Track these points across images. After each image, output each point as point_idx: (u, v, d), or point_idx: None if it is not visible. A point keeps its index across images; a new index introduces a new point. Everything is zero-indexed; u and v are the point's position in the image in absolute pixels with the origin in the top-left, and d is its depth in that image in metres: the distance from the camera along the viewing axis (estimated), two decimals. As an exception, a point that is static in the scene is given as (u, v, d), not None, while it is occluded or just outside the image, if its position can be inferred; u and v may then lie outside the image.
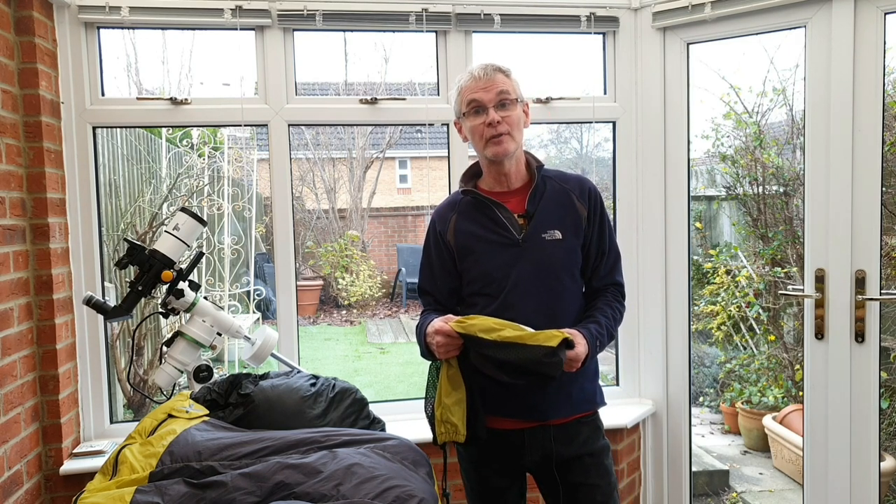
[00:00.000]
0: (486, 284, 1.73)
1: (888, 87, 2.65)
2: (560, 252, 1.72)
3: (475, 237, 1.74)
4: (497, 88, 1.68)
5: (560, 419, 1.73)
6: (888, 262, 3.41)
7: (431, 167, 10.27)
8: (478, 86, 1.69)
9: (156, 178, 4.96)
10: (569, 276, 1.74)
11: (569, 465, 1.75)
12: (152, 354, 4.26)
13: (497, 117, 1.67)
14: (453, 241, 1.77)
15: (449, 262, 1.79)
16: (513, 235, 1.71)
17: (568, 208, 1.75)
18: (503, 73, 1.71)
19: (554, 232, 1.72)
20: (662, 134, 2.60)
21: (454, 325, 1.57)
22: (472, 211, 1.77)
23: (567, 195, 1.77)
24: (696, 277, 5.33)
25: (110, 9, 2.30)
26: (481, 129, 1.69)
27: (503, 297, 1.70)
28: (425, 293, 1.85)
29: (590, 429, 1.78)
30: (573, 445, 1.74)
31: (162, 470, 1.52)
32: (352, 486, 1.43)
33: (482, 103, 1.68)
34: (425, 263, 1.85)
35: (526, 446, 1.74)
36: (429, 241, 1.83)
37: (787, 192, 4.38)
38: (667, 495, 2.69)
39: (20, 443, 2.08)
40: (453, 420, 1.59)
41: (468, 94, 1.71)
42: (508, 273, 1.70)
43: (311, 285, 9.34)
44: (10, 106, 2.08)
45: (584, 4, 2.55)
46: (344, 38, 10.94)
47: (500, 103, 1.68)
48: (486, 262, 1.72)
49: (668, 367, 2.67)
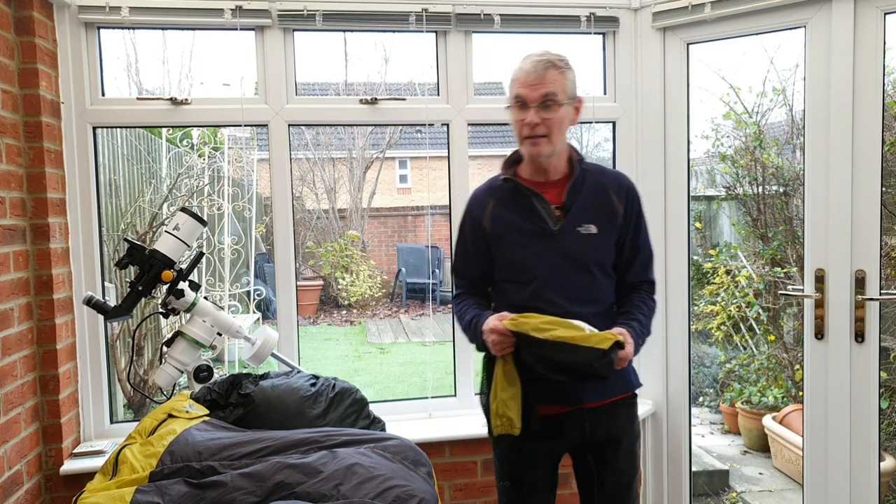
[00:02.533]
0: (517, 272, 1.75)
1: (888, 87, 2.65)
2: (593, 246, 1.74)
3: (511, 225, 1.75)
4: (544, 89, 1.66)
5: (596, 402, 1.76)
6: (888, 262, 3.41)
7: (431, 167, 10.27)
8: (526, 81, 1.67)
9: (156, 178, 4.96)
10: (600, 270, 1.76)
11: (602, 447, 1.79)
12: (152, 354, 4.26)
13: (536, 119, 1.66)
14: (489, 228, 1.79)
15: (483, 247, 1.81)
16: (548, 226, 1.72)
17: (605, 204, 1.77)
18: (557, 69, 1.67)
19: (589, 226, 1.73)
20: (662, 134, 2.60)
21: (507, 323, 1.60)
22: (510, 199, 1.78)
23: (605, 191, 1.78)
24: (696, 277, 5.33)
25: (110, 9, 2.30)
26: (520, 125, 1.70)
27: (533, 287, 1.72)
28: (460, 275, 1.88)
29: (627, 412, 1.82)
30: (609, 428, 1.78)
31: (162, 470, 1.52)
32: (352, 486, 1.43)
33: (526, 100, 1.68)
34: (460, 246, 1.87)
35: (564, 429, 1.77)
36: (464, 225, 1.85)
37: (787, 192, 4.38)
38: (667, 495, 2.69)
39: (20, 443, 2.08)
40: (509, 415, 1.63)
41: (515, 88, 1.70)
42: (540, 263, 1.72)
43: (311, 285, 9.34)
44: (11, 106, 2.08)
45: (584, 4, 2.55)
46: (344, 38, 10.95)
47: (544, 104, 1.66)
48: (520, 251, 1.74)
49: (667, 367, 2.67)
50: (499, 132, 14.27)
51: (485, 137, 14.05)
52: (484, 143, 13.94)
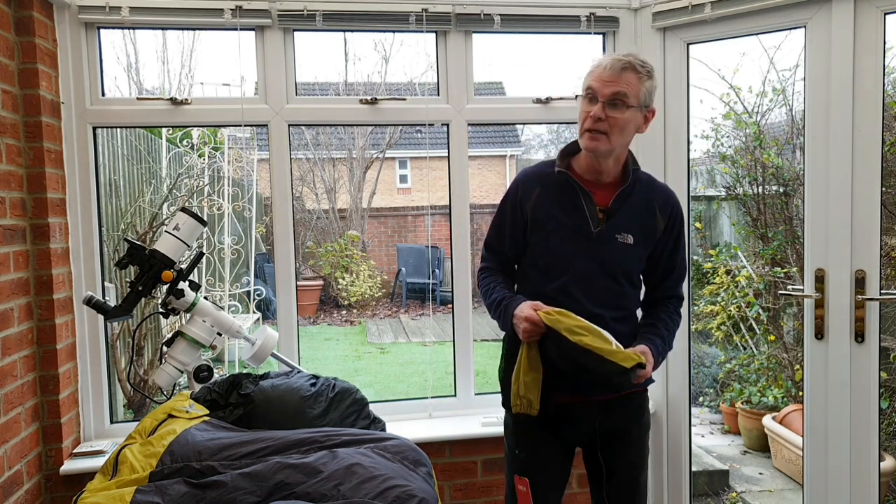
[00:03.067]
0: (548, 264, 1.76)
1: (888, 87, 2.66)
2: (626, 256, 1.75)
3: (552, 217, 1.76)
4: (616, 87, 1.65)
5: (607, 395, 1.78)
6: (888, 262, 3.41)
7: (431, 167, 10.27)
8: (602, 75, 1.67)
9: (156, 178, 4.96)
10: (627, 281, 1.77)
11: (611, 438, 1.81)
12: (152, 354, 4.26)
13: (602, 114, 1.66)
14: (530, 213, 1.78)
15: (520, 230, 1.81)
16: (588, 226, 1.73)
17: (648, 217, 1.78)
18: (636, 73, 1.67)
19: (627, 236, 1.74)
20: (662, 134, 2.60)
21: (543, 315, 1.62)
22: (557, 189, 1.77)
23: (651, 204, 1.79)
24: (696, 277, 5.33)
25: (110, 9, 2.30)
26: (585, 116, 1.70)
27: (560, 283, 1.73)
28: (491, 250, 1.89)
29: (636, 405, 1.84)
30: (618, 420, 1.80)
31: (162, 470, 1.52)
32: (352, 486, 1.43)
33: (596, 94, 1.68)
34: (497, 223, 1.87)
35: (575, 419, 1.79)
36: (506, 203, 1.85)
37: (787, 192, 4.38)
38: (667, 495, 2.69)
39: (20, 443, 2.08)
40: (529, 397, 1.68)
41: (589, 79, 1.71)
42: (573, 262, 1.73)
43: (311, 285, 9.34)
44: (11, 106, 2.08)
45: (584, 4, 2.55)
46: (344, 38, 10.96)
47: (613, 102, 1.66)
48: (555, 244, 1.75)
49: (667, 367, 2.67)
50: (499, 132, 14.28)
51: (485, 137, 14.05)
52: (484, 143, 13.94)
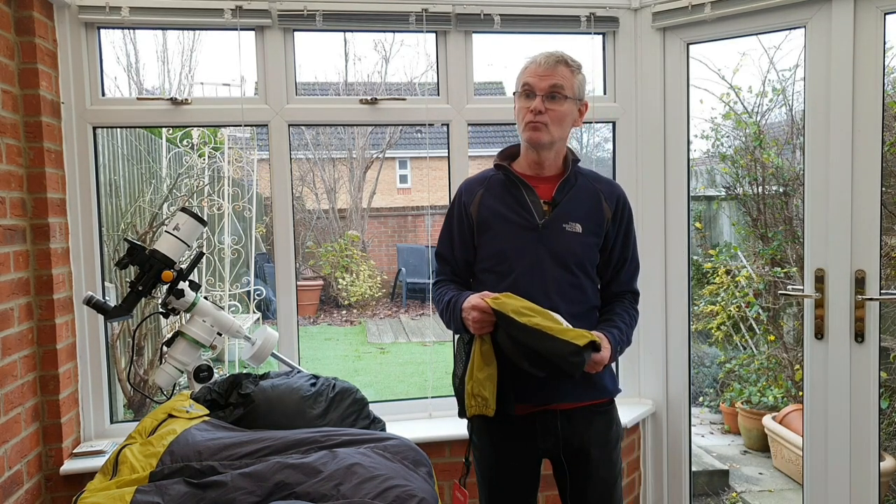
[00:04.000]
0: (498, 262, 1.75)
1: (888, 87, 2.66)
2: (576, 245, 1.74)
3: (497, 215, 1.76)
4: (552, 80, 1.70)
5: (567, 404, 1.75)
6: (888, 262, 3.41)
7: (431, 167, 10.27)
8: (536, 71, 1.72)
9: (156, 178, 4.96)
10: (581, 271, 1.76)
11: (577, 454, 1.77)
12: (152, 354, 4.26)
13: (541, 107, 1.70)
14: (475, 215, 1.80)
15: (468, 235, 1.82)
16: (534, 219, 1.73)
17: (593, 206, 1.78)
18: (569, 68, 1.73)
19: (575, 224, 1.75)
20: (662, 134, 2.61)
21: (490, 301, 1.59)
22: (499, 188, 1.79)
23: (596, 194, 1.80)
24: (696, 277, 5.33)
25: (110, 9, 2.30)
26: (524, 111, 1.73)
27: (513, 278, 1.72)
28: (443, 260, 1.88)
29: (603, 420, 1.80)
30: (583, 434, 1.76)
31: (162, 470, 1.52)
32: (352, 486, 1.43)
33: (533, 89, 1.71)
34: (446, 231, 1.87)
35: (538, 430, 1.75)
36: (452, 211, 1.86)
37: (787, 192, 4.38)
38: (667, 495, 2.69)
39: (20, 443, 2.08)
40: (484, 394, 1.61)
41: (525, 76, 1.74)
42: (522, 255, 1.73)
43: (312, 285, 9.34)
44: (11, 106, 2.08)
45: (584, 5, 2.55)
46: (344, 38, 10.97)
47: (550, 95, 1.70)
48: (502, 241, 1.75)
49: (667, 367, 2.67)
50: (499, 132, 14.27)
51: (485, 137, 14.05)
52: (484, 143, 13.94)
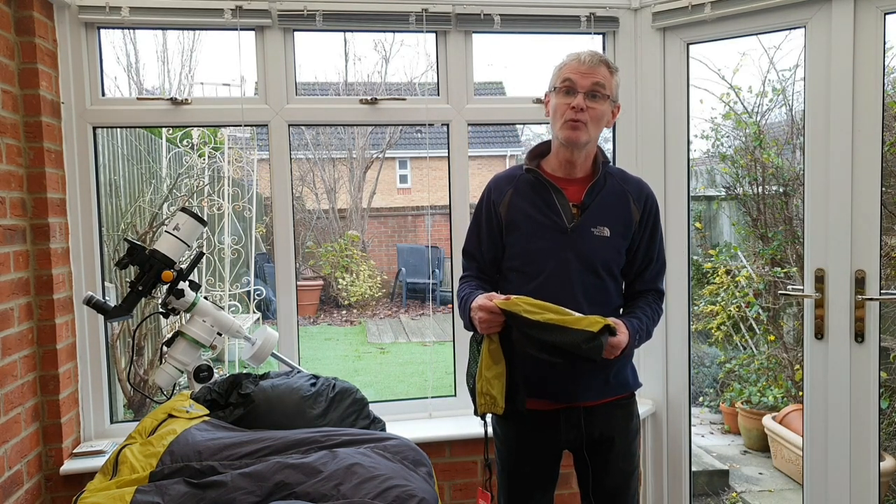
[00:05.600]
0: (525, 263, 1.76)
1: (888, 87, 2.66)
2: (604, 248, 1.75)
3: (526, 216, 1.76)
4: (595, 78, 1.70)
5: (592, 401, 1.77)
6: (888, 262, 3.41)
7: (431, 167, 10.27)
8: (579, 68, 1.71)
9: (156, 178, 4.96)
10: (608, 274, 1.77)
11: (598, 446, 1.80)
12: (152, 354, 4.26)
13: (583, 104, 1.69)
14: (504, 215, 1.80)
15: (496, 233, 1.82)
16: (563, 222, 1.73)
17: (622, 208, 1.78)
18: (608, 69, 1.73)
19: (603, 228, 1.75)
20: (662, 134, 2.60)
21: (498, 302, 1.60)
22: (529, 189, 1.79)
23: (625, 196, 1.80)
24: (696, 277, 5.33)
25: (110, 9, 2.30)
26: (564, 108, 1.71)
27: (540, 280, 1.73)
28: (469, 256, 1.88)
29: (624, 413, 1.83)
30: (605, 427, 1.79)
31: (162, 470, 1.52)
32: (352, 486, 1.43)
33: (575, 85, 1.70)
34: (474, 228, 1.87)
35: (561, 426, 1.78)
36: (480, 208, 1.86)
37: (787, 192, 4.38)
38: (667, 495, 2.69)
39: (20, 443, 2.08)
40: (493, 393, 1.63)
41: (566, 72, 1.72)
42: (549, 258, 1.73)
43: (312, 285, 9.34)
44: (11, 106, 2.08)
45: (583, 5, 2.55)
46: (344, 38, 10.97)
47: (592, 93, 1.70)
48: (531, 242, 1.75)
49: (667, 367, 2.67)
50: (499, 132, 14.28)
51: (485, 137, 14.07)
52: (484, 143, 13.96)
